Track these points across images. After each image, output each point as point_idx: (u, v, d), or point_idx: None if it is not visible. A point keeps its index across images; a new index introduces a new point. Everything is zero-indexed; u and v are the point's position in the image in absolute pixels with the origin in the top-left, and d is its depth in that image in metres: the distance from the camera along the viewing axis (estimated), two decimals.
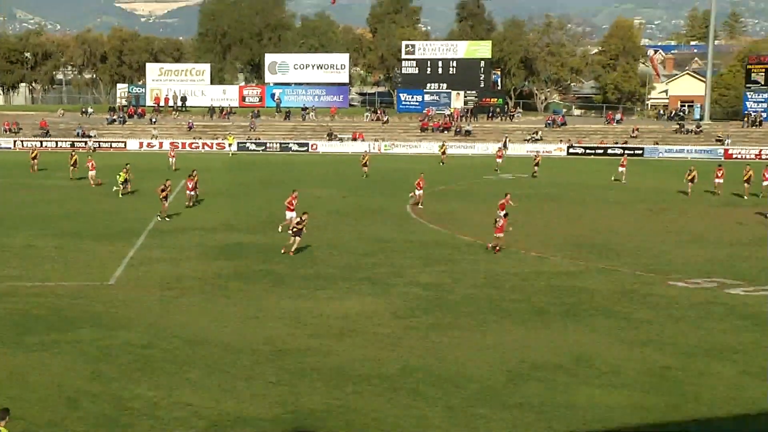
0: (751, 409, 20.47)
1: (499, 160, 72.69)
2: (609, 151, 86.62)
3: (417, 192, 52.33)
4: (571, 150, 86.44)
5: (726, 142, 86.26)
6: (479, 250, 38.95)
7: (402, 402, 20.72)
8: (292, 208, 42.12)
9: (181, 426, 19.20)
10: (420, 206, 51.17)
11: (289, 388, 21.46)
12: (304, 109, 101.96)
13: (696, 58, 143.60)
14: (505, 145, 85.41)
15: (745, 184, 55.94)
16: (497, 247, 38.05)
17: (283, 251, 37.17)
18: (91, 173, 58.52)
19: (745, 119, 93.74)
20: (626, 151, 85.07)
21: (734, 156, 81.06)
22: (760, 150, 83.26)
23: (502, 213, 40.12)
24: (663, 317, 28.13)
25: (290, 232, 37.94)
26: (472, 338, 25.76)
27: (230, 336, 25.67)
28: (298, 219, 37.90)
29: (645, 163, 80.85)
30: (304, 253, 37.44)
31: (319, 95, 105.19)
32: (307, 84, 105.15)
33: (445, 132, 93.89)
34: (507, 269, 34.97)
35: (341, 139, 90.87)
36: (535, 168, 69.24)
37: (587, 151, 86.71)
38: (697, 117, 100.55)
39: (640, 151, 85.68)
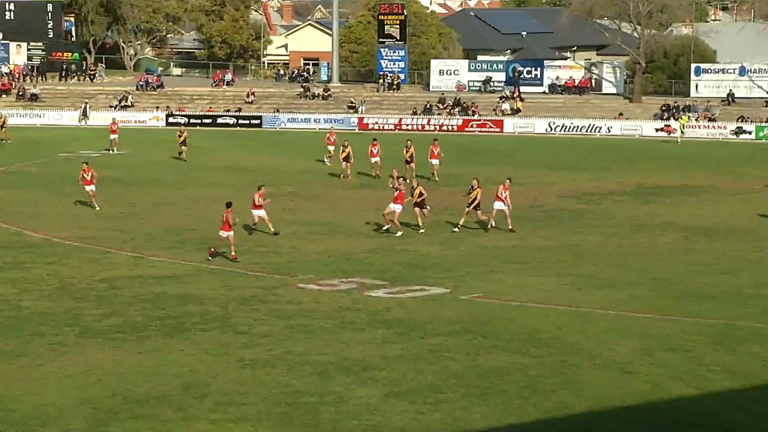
0: None
1: (114, 136, 69.47)
2: (219, 120, 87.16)
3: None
4: (171, 119, 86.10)
5: (360, 110, 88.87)
6: (55, 251, 37.96)
7: None
8: None
9: None
10: None
11: None
12: None
13: (320, 6, 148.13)
14: (84, 114, 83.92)
15: (411, 164, 54.70)
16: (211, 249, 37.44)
17: None
18: None
19: (381, 81, 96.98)
20: (241, 120, 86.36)
21: (370, 126, 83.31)
22: (400, 119, 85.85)
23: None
24: (292, 329, 28.50)
25: None
26: (47, 368, 25.05)
27: None
28: None
29: (264, 135, 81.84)
30: None
31: None
32: None
33: (4, 96, 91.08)
34: (93, 275, 34.42)
35: None
36: (183, 147, 65.30)
37: (192, 120, 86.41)
38: (325, 78, 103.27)
39: (258, 121, 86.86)
